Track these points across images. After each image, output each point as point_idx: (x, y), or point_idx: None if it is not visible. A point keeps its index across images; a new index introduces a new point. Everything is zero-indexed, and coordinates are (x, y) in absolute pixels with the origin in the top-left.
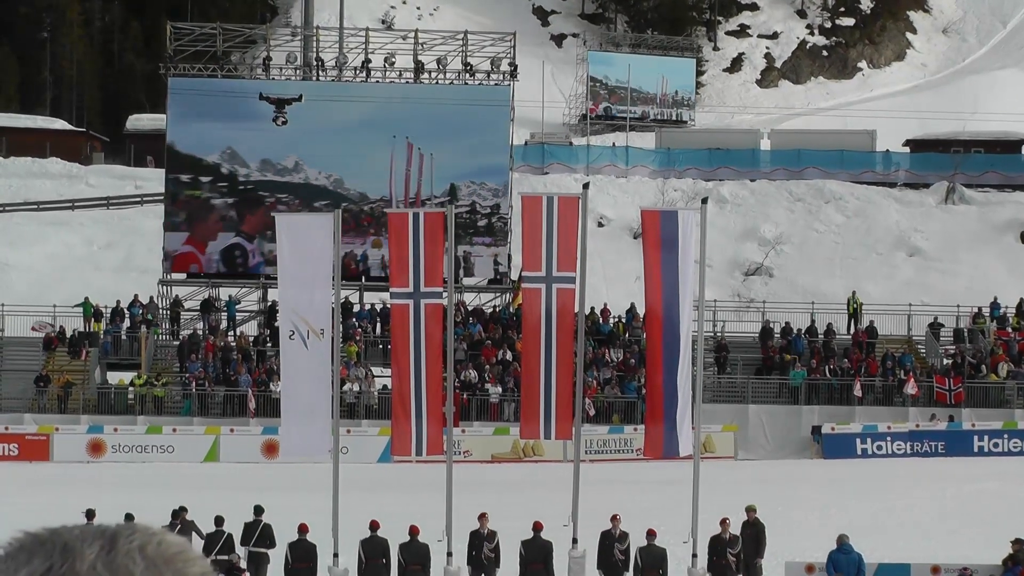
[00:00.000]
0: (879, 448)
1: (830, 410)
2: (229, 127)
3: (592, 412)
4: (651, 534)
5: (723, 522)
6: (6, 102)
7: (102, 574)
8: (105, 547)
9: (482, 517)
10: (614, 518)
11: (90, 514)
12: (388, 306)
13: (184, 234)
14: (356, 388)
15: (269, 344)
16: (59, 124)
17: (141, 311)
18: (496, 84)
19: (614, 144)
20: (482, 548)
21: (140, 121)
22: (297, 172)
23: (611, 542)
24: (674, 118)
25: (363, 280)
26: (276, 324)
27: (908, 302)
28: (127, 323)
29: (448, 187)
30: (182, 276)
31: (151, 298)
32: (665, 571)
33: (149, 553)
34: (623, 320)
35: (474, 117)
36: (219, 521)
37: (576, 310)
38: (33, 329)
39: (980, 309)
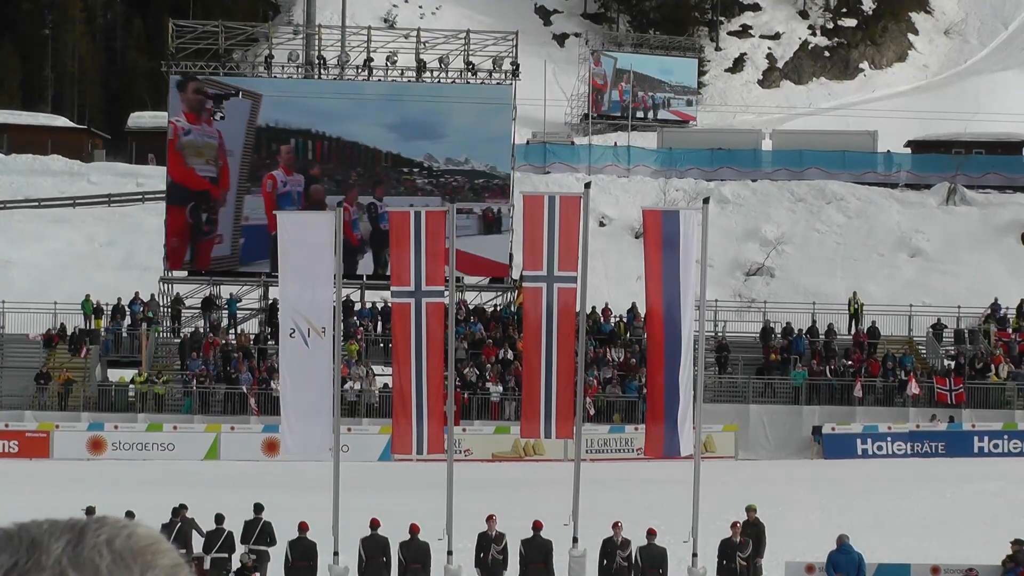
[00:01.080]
0: (879, 448)
1: (831, 410)
2: None
3: (592, 412)
4: (651, 533)
5: (734, 526)
6: (8, 99)
7: (67, 569)
8: (72, 541)
9: (490, 519)
10: (616, 525)
11: (90, 511)
12: (389, 304)
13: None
14: (357, 386)
15: (270, 342)
16: (61, 121)
17: (142, 308)
18: (498, 83)
19: (616, 144)
20: (490, 550)
21: (142, 119)
22: None
23: (613, 549)
24: (681, 106)
25: (363, 279)
26: (277, 322)
27: (909, 303)
28: (128, 320)
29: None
30: (183, 274)
31: (152, 295)
32: (665, 570)
33: (117, 546)
34: (624, 320)
35: (476, 116)
36: (219, 519)
37: (577, 309)
38: (31, 337)
39: (991, 311)
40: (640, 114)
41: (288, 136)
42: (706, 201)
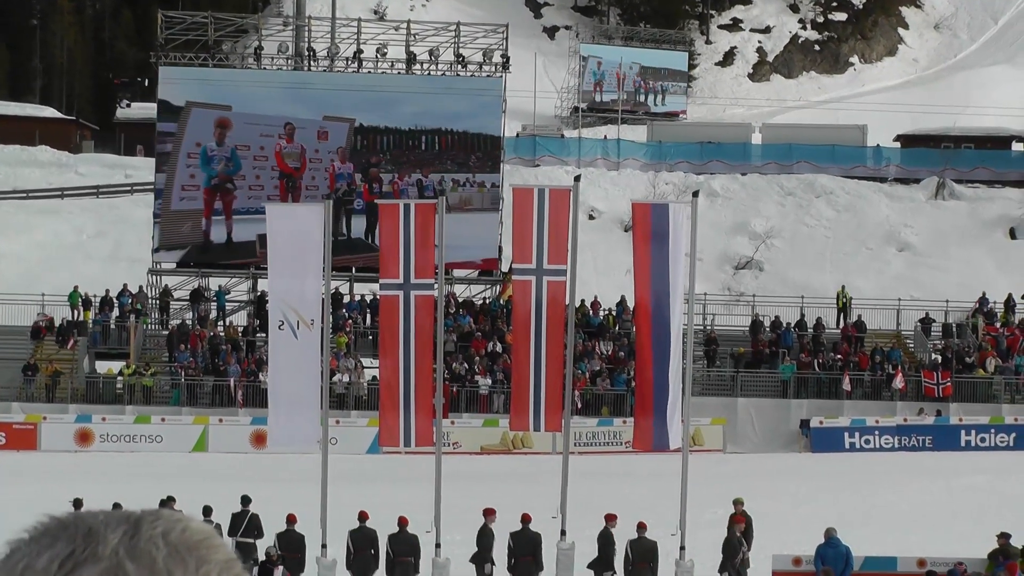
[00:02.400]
0: (867, 442)
1: (818, 404)
2: None
3: (579, 405)
4: (641, 527)
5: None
6: None
7: (123, 559)
8: (128, 532)
9: (490, 513)
10: (610, 516)
11: (78, 504)
12: (378, 297)
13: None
14: (346, 379)
15: (259, 334)
16: (49, 112)
17: (130, 300)
18: (488, 76)
19: (605, 137)
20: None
21: (130, 110)
22: None
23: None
24: (674, 100)
25: (352, 271)
26: (266, 314)
27: (897, 297)
28: (116, 312)
29: (439, 178)
30: (172, 265)
31: (140, 287)
32: (656, 564)
33: (172, 539)
34: (613, 313)
35: (466, 109)
36: (207, 511)
37: (566, 302)
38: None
39: (979, 306)
40: (642, 97)
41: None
42: (695, 194)
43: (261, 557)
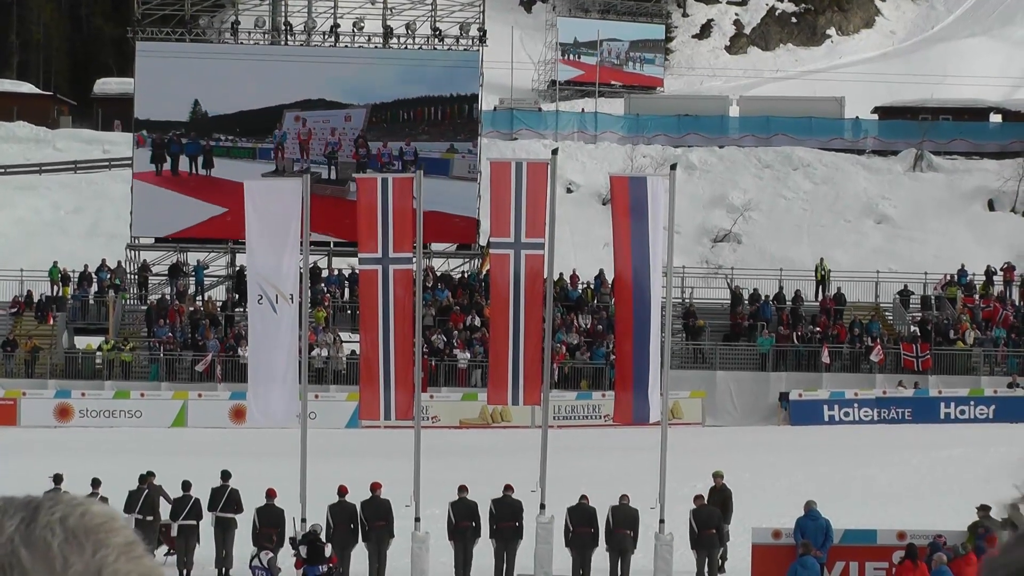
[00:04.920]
0: (846, 415)
1: (797, 377)
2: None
3: (557, 378)
4: (624, 497)
5: (697, 498)
6: None
7: (18, 546)
8: (26, 520)
9: (463, 489)
10: (583, 498)
11: (58, 479)
12: (357, 271)
13: None
14: (324, 353)
15: (237, 309)
16: (26, 88)
17: (109, 276)
18: (465, 49)
19: (583, 110)
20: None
21: (108, 85)
22: None
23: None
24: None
25: (331, 246)
26: (244, 289)
27: (876, 269)
28: (95, 288)
29: (414, 151)
30: (150, 240)
31: (119, 263)
32: (636, 532)
33: (70, 524)
34: (591, 286)
35: (443, 82)
36: (186, 486)
37: (545, 276)
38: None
39: (952, 276)
40: (615, 59)
41: None
42: (673, 167)
43: (292, 531)
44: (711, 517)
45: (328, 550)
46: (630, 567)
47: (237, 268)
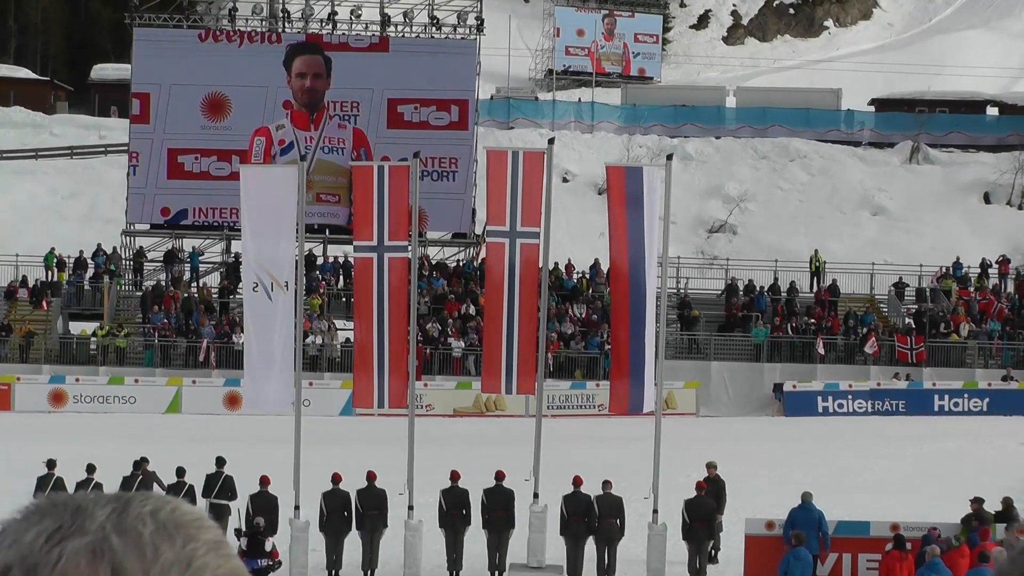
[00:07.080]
0: (840, 406)
1: (792, 368)
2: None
3: (550, 368)
4: (607, 484)
5: (700, 485)
6: None
7: (110, 533)
8: (117, 510)
9: (455, 474)
10: (578, 479)
11: (51, 464)
12: (351, 259)
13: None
14: (319, 341)
15: (232, 296)
16: (23, 73)
17: (104, 261)
18: (462, 38)
19: (580, 100)
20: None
21: (105, 71)
22: None
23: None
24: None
25: (326, 233)
26: (240, 276)
27: (871, 261)
28: (90, 273)
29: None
30: (146, 227)
31: (114, 248)
32: (623, 520)
33: (161, 518)
34: (587, 276)
35: (440, 71)
36: (180, 472)
37: (540, 265)
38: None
39: (947, 269)
40: (612, 49)
41: None
42: (669, 158)
43: (237, 522)
44: (704, 508)
45: (269, 545)
46: (616, 555)
47: (232, 255)
